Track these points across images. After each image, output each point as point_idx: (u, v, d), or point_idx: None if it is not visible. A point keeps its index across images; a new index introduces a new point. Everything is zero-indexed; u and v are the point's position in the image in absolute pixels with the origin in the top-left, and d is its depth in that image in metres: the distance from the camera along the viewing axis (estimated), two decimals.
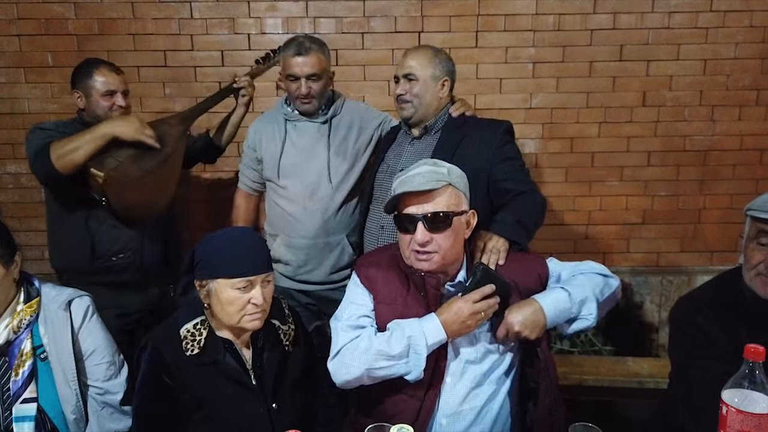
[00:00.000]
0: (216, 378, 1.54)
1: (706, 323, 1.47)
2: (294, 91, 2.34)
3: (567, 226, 3.20)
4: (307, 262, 2.43)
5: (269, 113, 2.59)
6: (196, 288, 1.56)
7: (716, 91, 3.07)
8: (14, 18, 2.94)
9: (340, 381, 1.59)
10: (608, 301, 1.65)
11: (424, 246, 1.53)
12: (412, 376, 1.53)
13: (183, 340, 1.53)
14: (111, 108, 2.31)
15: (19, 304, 1.70)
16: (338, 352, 1.59)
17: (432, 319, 1.53)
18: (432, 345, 1.52)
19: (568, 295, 1.57)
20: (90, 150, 2.12)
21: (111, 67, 2.36)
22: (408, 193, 1.53)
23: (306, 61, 2.29)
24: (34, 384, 1.68)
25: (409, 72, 2.10)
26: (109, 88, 2.30)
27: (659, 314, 3.23)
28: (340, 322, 1.64)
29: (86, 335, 1.78)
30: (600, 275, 1.67)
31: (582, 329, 1.63)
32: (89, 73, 2.30)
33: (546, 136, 3.10)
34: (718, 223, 3.20)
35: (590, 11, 2.98)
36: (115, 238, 2.32)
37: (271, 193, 2.52)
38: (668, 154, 3.13)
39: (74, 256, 2.32)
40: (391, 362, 1.52)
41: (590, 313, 1.59)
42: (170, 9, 2.96)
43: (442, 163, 1.61)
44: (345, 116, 2.47)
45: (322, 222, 2.39)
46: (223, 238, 1.56)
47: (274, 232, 2.51)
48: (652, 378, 2.56)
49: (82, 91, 2.32)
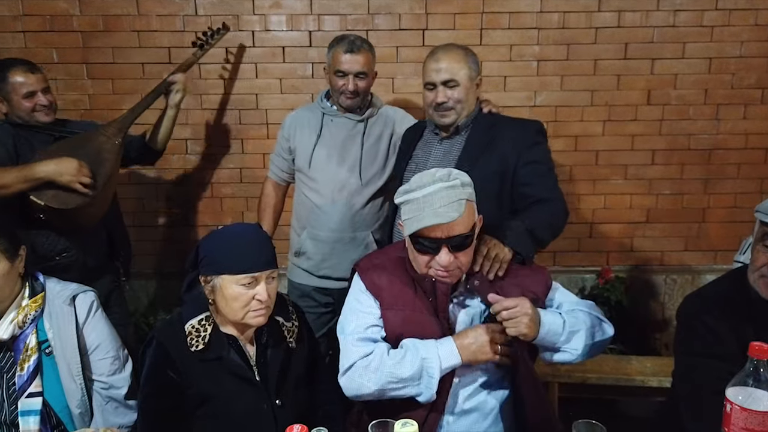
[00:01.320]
0: (220, 373, 1.54)
1: (713, 322, 1.47)
2: (341, 86, 2.38)
3: (571, 224, 3.13)
4: (332, 255, 2.46)
5: (308, 106, 2.62)
6: (201, 284, 1.57)
7: (721, 89, 3.06)
8: (19, 14, 2.95)
9: (351, 395, 1.58)
10: (597, 346, 1.62)
11: (448, 267, 1.52)
12: (423, 398, 1.52)
13: (188, 335, 1.53)
14: (34, 109, 2.27)
15: (24, 299, 1.71)
16: (349, 368, 1.56)
17: (448, 342, 1.52)
18: (445, 369, 1.51)
19: (563, 322, 1.56)
20: (20, 189, 2.11)
21: (27, 66, 2.29)
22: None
23: (357, 58, 2.34)
24: (39, 378, 1.69)
25: (449, 78, 1.99)
26: (27, 89, 2.24)
27: (663, 313, 3.22)
28: (349, 336, 1.60)
29: (91, 330, 1.79)
30: (597, 317, 1.65)
31: (563, 362, 1.61)
32: (3, 76, 2.24)
33: (550, 135, 3.01)
34: (723, 222, 3.19)
35: (595, 9, 2.98)
36: (53, 241, 2.28)
37: (300, 185, 2.55)
38: (673, 153, 3.12)
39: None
40: (402, 384, 1.51)
41: (576, 348, 1.57)
42: (174, 6, 2.96)
43: (452, 175, 1.54)
44: (381, 118, 2.51)
45: (349, 216, 2.43)
46: (228, 233, 1.56)
47: (300, 225, 2.55)
48: (655, 376, 2.55)
49: (1, 96, 2.26)
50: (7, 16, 2.95)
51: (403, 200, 1.54)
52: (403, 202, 1.54)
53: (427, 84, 2.05)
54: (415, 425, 1.20)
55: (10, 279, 1.67)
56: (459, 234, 1.49)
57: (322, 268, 2.48)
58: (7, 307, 1.67)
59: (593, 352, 1.62)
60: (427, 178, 1.53)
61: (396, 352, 1.55)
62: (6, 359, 1.68)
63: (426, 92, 2.07)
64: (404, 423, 1.20)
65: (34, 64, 2.32)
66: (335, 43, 2.39)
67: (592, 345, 1.59)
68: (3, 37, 2.97)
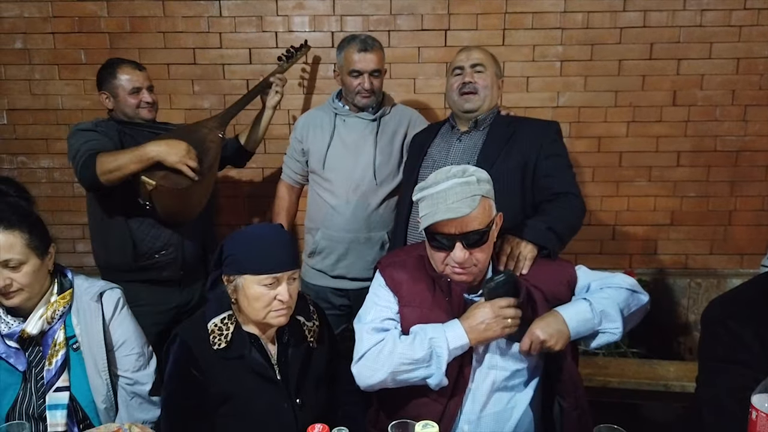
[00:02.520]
0: (242, 372, 1.56)
1: (738, 327, 1.44)
2: (356, 86, 2.39)
3: (594, 226, 3.16)
4: (347, 255, 2.46)
5: (319, 107, 2.64)
6: (224, 283, 1.59)
7: (749, 90, 3.01)
8: (49, 16, 3.02)
9: (364, 384, 1.58)
10: (635, 315, 1.63)
11: (464, 264, 1.52)
12: (434, 381, 1.52)
13: (210, 334, 1.55)
14: (138, 105, 2.37)
15: (53, 295, 1.74)
16: (362, 356, 1.57)
17: (455, 324, 1.53)
18: (454, 349, 1.50)
19: (589, 305, 1.55)
20: (133, 170, 2.16)
21: (133, 64, 2.41)
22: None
23: (370, 57, 2.37)
24: (67, 373, 1.72)
25: (478, 62, 2.08)
26: (134, 85, 2.35)
27: (687, 317, 3.17)
28: (365, 325, 1.63)
29: (117, 326, 1.82)
30: (628, 290, 1.64)
31: (606, 343, 1.61)
32: (113, 73, 2.36)
33: (573, 135, 3.07)
34: (750, 226, 3.13)
35: (620, 9, 2.94)
36: (156, 236, 2.36)
37: (314, 185, 2.56)
38: (698, 155, 3.07)
39: (118, 256, 2.35)
40: (413, 366, 1.51)
41: (615, 327, 1.56)
42: (200, 7, 3.00)
43: (468, 171, 1.55)
44: (394, 117, 2.52)
45: (365, 216, 2.43)
46: (251, 234, 1.59)
47: (314, 226, 2.55)
48: (678, 381, 2.52)
49: (109, 92, 2.38)
50: (37, 18, 3.02)
51: (419, 197, 1.56)
52: (420, 198, 1.55)
53: (456, 68, 2.12)
54: (436, 427, 1.20)
55: (40, 275, 1.70)
56: (474, 230, 1.49)
57: (337, 268, 2.48)
58: (36, 303, 1.71)
59: (633, 323, 1.63)
60: (442, 175, 1.55)
61: (406, 337, 1.57)
62: (35, 354, 1.71)
63: (452, 78, 2.13)
64: (425, 425, 1.21)
65: (139, 64, 2.44)
66: (346, 44, 2.41)
67: (630, 316, 1.60)
68: (33, 38, 3.04)
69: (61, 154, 3.13)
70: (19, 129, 3.14)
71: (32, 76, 3.08)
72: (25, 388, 1.68)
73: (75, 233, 3.23)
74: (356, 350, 1.61)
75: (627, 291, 1.63)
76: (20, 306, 1.68)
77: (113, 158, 2.16)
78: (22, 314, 1.70)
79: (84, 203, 2.49)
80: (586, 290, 1.67)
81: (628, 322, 1.60)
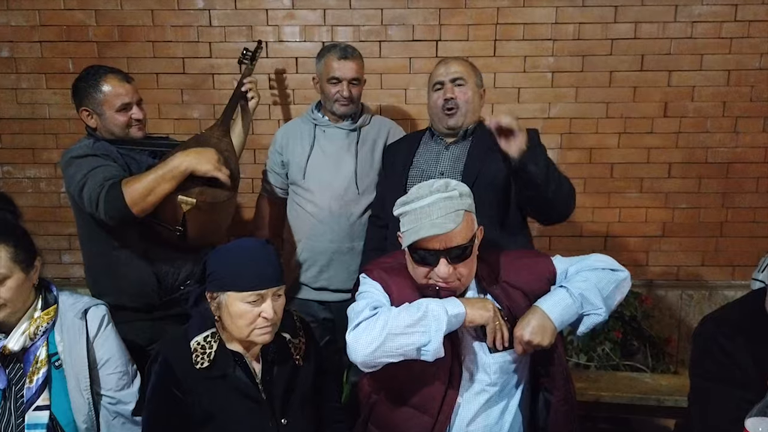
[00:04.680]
0: (225, 391, 1.53)
1: (731, 346, 1.43)
2: (334, 93, 2.38)
3: (585, 237, 3.15)
4: (329, 266, 2.44)
5: (298, 119, 2.61)
6: (207, 300, 1.56)
7: (740, 102, 3.00)
8: (36, 24, 2.98)
9: (358, 355, 1.46)
10: (615, 292, 1.59)
11: (448, 279, 1.50)
12: (431, 347, 1.42)
13: (193, 352, 1.52)
14: (128, 124, 2.05)
15: (37, 311, 1.71)
16: (358, 324, 1.49)
17: (452, 298, 1.50)
18: (452, 316, 1.44)
19: (566, 290, 1.54)
20: (169, 189, 1.89)
21: (120, 75, 2.06)
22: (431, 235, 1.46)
23: (350, 65, 2.36)
24: (48, 392, 1.69)
25: (458, 76, 2.06)
26: (123, 101, 2.01)
27: (678, 329, 3.16)
28: (358, 307, 1.55)
29: (101, 344, 1.80)
30: (605, 269, 1.61)
31: (594, 324, 1.57)
32: (96, 86, 2.00)
33: (564, 146, 3.06)
34: (741, 237, 3.12)
35: (611, 20, 2.94)
36: (179, 266, 2.08)
37: (295, 197, 2.53)
38: (690, 166, 3.07)
39: (138, 295, 2.05)
40: (410, 330, 1.43)
41: (597, 306, 1.53)
42: (189, 16, 2.97)
43: (451, 185, 1.53)
44: (374, 127, 2.51)
45: (347, 226, 2.41)
46: (235, 250, 1.55)
47: (296, 238, 2.52)
48: (671, 396, 2.50)
49: (92, 109, 2.02)
50: (24, 26, 2.98)
51: (401, 212, 1.54)
52: (402, 213, 1.53)
53: (436, 84, 2.10)
54: None
55: (24, 290, 1.67)
56: (457, 245, 1.48)
57: (320, 279, 2.46)
58: (19, 318, 1.68)
59: (616, 300, 1.60)
60: (424, 190, 1.53)
61: (402, 306, 1.51)
62: (15, 371, 1.68)
63: (432, 94, 2.11)
64: None
65: (126, 74, 2.11)
66: (326, 52, 2.40)
67: (610, 294, 1.57)
68: (20, 46, 3.00)
69: (48, 164, 3.10)
70: (5, 138, 3.10)
71: (19, 85, 3.04)
72: (3, 407, 1.65)
73: (61, 244, 3.19)
74: (351, 322, 1.53)
75: (603, 270, 1.60)
76: (2, 321, 1.65)
77: (140, 183, 1.87)
78: (4, 330, 1.67)
79: (70, 214, 2.33)
80: (564, 276, 1.65)
81: (610, 300, 1.57)
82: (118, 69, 2.14)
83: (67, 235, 3.14)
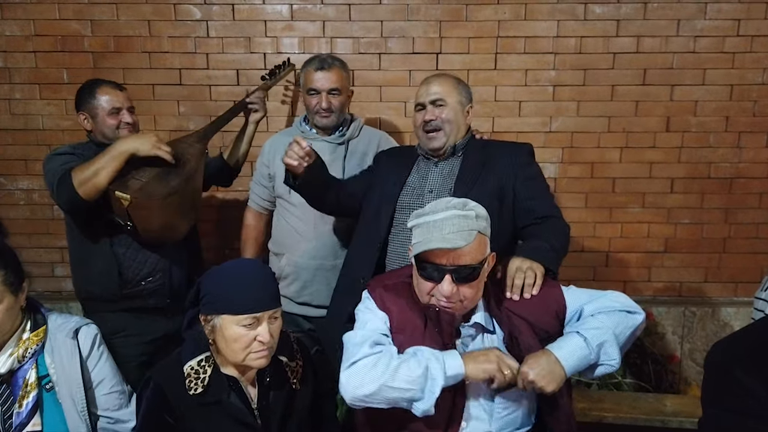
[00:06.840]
0: (219, 418, 1.47)
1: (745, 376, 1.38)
2: (314, 105, 2.36)
3: (586, 253, 3.11)
4: (313, 282, 2.39)
5: (286, 131, 2.58)
6: (201, 323, 1.50)
7: (743, 117, 2.98)
8: (31, 34, 2.94)
9: (350, 395, 1.45)
10: (630, 338, 1.58)
11: (450, 298, 1.46)
12: (422, 406, 1.42)
13: (186, 378, 1.47)
14: (118, 126, 2.25)
15: (26, 332, 1.67)
16: (355, 363, 1.46)
17: (453, 353, 1.47)
18: (449, 377, 1.42)
19: (584, 341, 1.49)
20: (111, 171, 2.04)
21: (113, 84, 2.31)
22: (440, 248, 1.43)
23: (328, 76, 2.33)
24: (39, 416, 1.64)
25: (437, 98, 2.02)
26: (113, 105, 2.24)
27: (681, 346, 3.12)
28: (358, 339, 1.52)
29: (95, 363, 1.76)
30: (622, 311, 1.57)
31: (606, 373, 1.55)
32: (92, 93, 2.25)
33: (566, 161, 3.03)
34: (744, 253, 3.09)
35: (613, 34, 2.91)
36: (142, 261, 2.24)
37: (281, 210, 2.49)
38: (692, 181, 3.04)
39: (102, 284, 2.23)
40: (406, 385, 1.41)
41: (612, 358, 1.51)
42: (186, 27, 2.94)
43: (469, 206, 1.51)
44: (363, 140, 2.46)
45: (331, 243, 2.37)
46: (230, 271, 1.50)
47: (279, 251, 2.48)
48: (675, 417, 2.44)
49: (87, 113, 2.27)
50: (18, 36, 2.94)
51: (415, 224, 1.52)
52: (415, 225, 1.51)
53: (417, 105, 2.08)
54: None
55: (13, 312, 1.63)
56: (465, 264, 1.44)
57: (303, 295, 2.41)
58: (6, 341, 1.63)
59: (629, 345, 1.60)
60: (441, 205, 1.51)
61: (402, 354, 1.49)
62: (4, 395, 1.63)
63: (416, 115, 2.09)
64: None
65: (119, 84, 2.35)
66: (307, 64, 2.39)
67: (628, 341, 1.57)
68: (14, 56, 2.96)
69: (41, 176, 3.00)
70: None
71: (12, 95, 2.99)
72: None
73: (54, 257, 3.13)
74: (346, 358, 1.50)
75: (621, 313, 1.57)
76: None
77: (86, 166, 2.05)
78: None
79: (63, 226, 2.38)
80: (578, 316, 1.60)
81: (625, 347, 1.56)
82: (113, 81, 2.35)
83: (59, 248, 3.09)
